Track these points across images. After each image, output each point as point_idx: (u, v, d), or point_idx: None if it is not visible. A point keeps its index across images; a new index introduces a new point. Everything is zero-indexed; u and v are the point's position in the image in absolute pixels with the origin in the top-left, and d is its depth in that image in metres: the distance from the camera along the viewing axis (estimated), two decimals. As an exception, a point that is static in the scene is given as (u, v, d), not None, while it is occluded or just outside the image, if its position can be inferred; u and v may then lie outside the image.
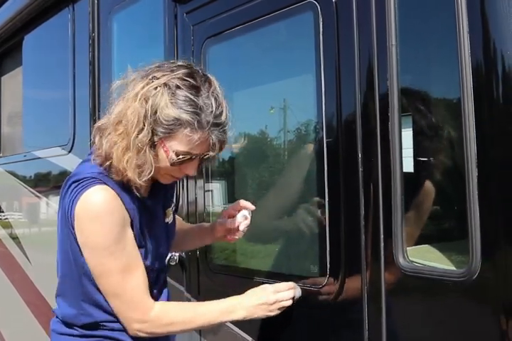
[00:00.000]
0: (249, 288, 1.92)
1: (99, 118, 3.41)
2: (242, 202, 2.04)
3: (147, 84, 1.64)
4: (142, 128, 1.62)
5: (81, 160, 1.93)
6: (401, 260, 1.71)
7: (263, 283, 2.01)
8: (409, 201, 1.74)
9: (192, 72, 1.69)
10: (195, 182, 2.66)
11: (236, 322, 2.29)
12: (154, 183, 1.87)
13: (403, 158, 1.73)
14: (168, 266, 2.27)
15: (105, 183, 1.72)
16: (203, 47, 2.59)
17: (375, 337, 1.79)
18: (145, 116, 1.62)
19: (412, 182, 1.79)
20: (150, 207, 1.86)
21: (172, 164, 1.69)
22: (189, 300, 2.60)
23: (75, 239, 1.76)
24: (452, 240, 1.77)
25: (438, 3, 1.74)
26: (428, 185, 1.81)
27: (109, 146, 1.68)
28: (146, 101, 1.62)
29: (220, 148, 1.72)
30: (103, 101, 3.42)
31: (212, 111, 1.64)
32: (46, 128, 4.41)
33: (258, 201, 2.50)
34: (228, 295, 1.93)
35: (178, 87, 1.63)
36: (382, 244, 1.76)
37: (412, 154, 1.79)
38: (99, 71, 3.48)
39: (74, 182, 1.76)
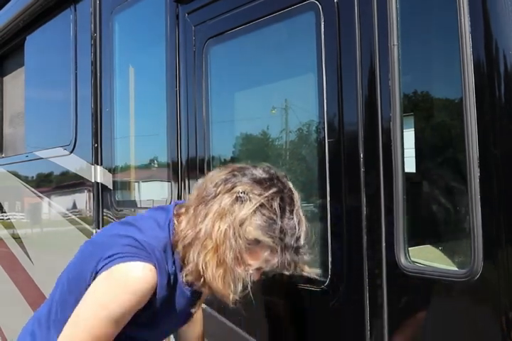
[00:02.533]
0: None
1: (100, 119, 3.45)
2: None
3: (235, 201, 1.63)
4: (231, 246, 1.61)
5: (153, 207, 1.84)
6: (403, 260, 1.70)
7: (264, 283, 2.00)
8: (410, 201, 1.73)
9: (279, 190, 1.66)
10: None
11: (237, 322, 2.29)
12: None
13: (405, 158, 1.73)
14: None
15: (154, 263, 1.67)
16: (204, 48, 2.59)
17: (376, 337, 1.79)
18: (233, 233, 1.61)
19: (413, 183, 1.79)
20: (183, 294, 1.80)
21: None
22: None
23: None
24: (454, 240, 1.77)
25: (440, 3, 1.74)
26: (430, 185, 1.80)
27: (204, 267, 1.64)
28: (233, 219, 1.61)
29: (294, 268, 1.69)
30: (105, 101, 3.43)
31: (294, 234, 1.63)
32: (48, 129, 4.41)
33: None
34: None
35: (264, 206, 1.62)
36: (384, 244, 1.75)
37: (413, 154, 1.78)
38: (101, 71, 3.49)
39: (128, 239, 1.70)
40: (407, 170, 1.74)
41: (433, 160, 1.82)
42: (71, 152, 3.79)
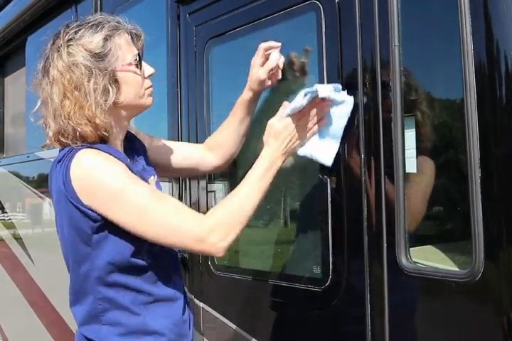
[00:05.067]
0: (251, 289, 1.90)
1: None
2: (265, 45, 2.09)
3: (59, 55, 1.77)
4: (90, 75, 1.73)
5: None
6: (404, 261, 1.70)
7: (266, 283, 2.00)
8: (411, 202, 1.73)
9: (77, 20, 1.87)
10: (198, 183, 2.66)
11: (238, 323, 2.29)
12: (128, 150, 1.94)
13: (406, 159, 1.73)
14: None
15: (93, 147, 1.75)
16: (205, 48, 2.59)
17: (377, 337, 1.79)
18: (85, 66, 1.73)
19: (414, 183, 1.79)
20: (135, 171, 1.89)
21: (141, 73, 1.85)
22: (191, 302, 2.60)
23: (82, 212, 1.69)
24: (455, 241, 1.77)
25: (441, 4, 1.74)
26: (431, 185, 1.80)
27: (72, 113, 1.73)
28: (75, 64, 1.73)
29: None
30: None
31: (112, 19, 1.86)
32: (49, 129, 4.40)
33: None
34: (230, 296, 1.92)
35: (76, 31, 1.78)
36: (384, 245, 1.75)
37: (414, 155, 1.78)
38: (102, 72, 3.48)
39: (59, 161, 1.79)
40: (407, 170, 1.74)
41: (434, 161, 1.82)
42: (72, 152, 3.78)
